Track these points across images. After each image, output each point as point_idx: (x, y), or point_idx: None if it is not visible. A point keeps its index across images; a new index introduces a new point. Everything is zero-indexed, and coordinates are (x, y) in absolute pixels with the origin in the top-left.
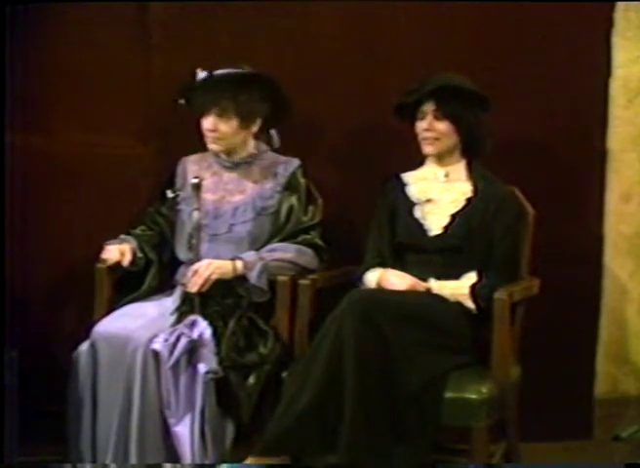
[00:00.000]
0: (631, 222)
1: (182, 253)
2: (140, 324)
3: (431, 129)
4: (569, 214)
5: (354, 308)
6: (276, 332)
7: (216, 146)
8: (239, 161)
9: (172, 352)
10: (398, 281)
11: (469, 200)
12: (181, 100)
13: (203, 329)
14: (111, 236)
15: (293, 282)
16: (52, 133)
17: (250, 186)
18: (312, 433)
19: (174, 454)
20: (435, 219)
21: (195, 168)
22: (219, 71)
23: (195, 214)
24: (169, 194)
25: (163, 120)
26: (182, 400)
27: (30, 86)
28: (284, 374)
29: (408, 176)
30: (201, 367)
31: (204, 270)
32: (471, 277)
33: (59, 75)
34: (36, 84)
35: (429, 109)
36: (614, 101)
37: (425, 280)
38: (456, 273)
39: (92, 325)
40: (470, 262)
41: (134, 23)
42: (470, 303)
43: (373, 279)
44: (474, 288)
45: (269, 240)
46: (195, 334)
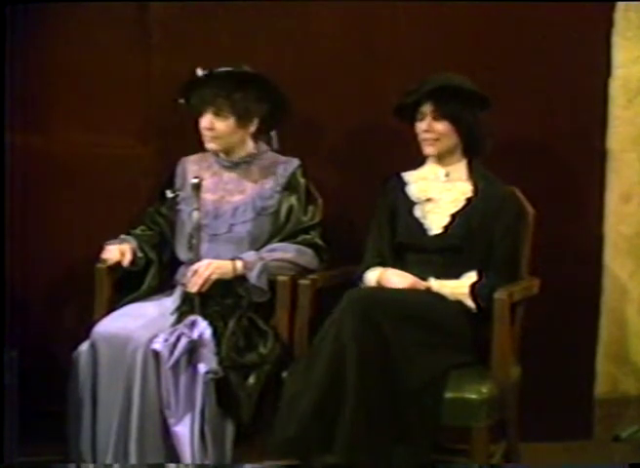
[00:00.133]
0: (631, 222)
1: (182, 253)
2: (141, 324)
3: (430, 130)
4: (569, 214)
5: (354, 307)
6: (276, 332)
7: (213, 145)
8: (238, 161)
9: (172, 352)
10: (398, 280)
11: (469, 200)
12: (181, 100)
13: (203, 329)
14: (111, 236)
15: (293, 282)
16: (52, 133)
17: (250, 186)
18: (317, 434)
19: (174, 454)
20: (435, 219)
21: (195, 168)
22: (215, 70)
23: (195, 214)
24: (169, 194)
25: (163, 120)
26: (182, 400)
27: (30, 86)
28: (284, 374)
29: (408, 176)
30: (201, 367)
31: (204, 270)
32: (471, 276)
33: (59, 75)
34: (36, 84)
35: (428, 110)
36: (614, 101)
37: (425, 279)
38: (455, 273)
39: (92, 325)
40: (470, 262)
41: (134, 23)
42: (470, 302)
43: (373, 278)
44: (474, 287)
45: (269, 240)
46: (195, 334)
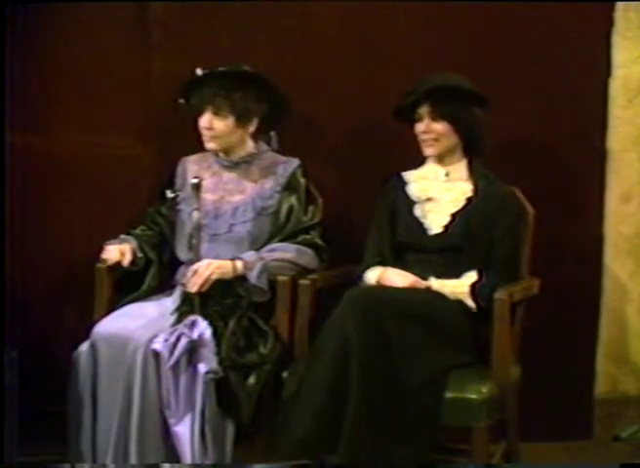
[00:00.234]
0: (631, 223)
1: (182, 253)
2: (141, 324)
3: (429, 130)
4: (569, 214)
5: (355, 305)
6: (276, 332)
7: (212, 145)
8: (238, 160)
9: (172, 352)
10: (398, 279)
11: (470, 199)
12: (181, 100)
13: (203, 329)
14: (111, 236)
15: (293, 282)
16: (52, 133)
17: (249, 186)
18: (326, 434)
19: (174, 454)
20: (435, 218)
21: (195, 168)
22: (214, 70)
23: (195, 214)
24: (169, 194)
25: (163, 120)
26: (182, 400)
27: (30, 86)
28: (284, 374)
29: (408, 175)
30: (201, 367)
31: (204, 270)
32: (472, 276)
33: (59, 75)
34: (36, 84)
35: (426, 111)
36: (614, 101)
37: (426, 279)
38: (456, 272)
39: (92, 325)
40: (470, 262)
41: (134, 23)
42: (470, 302)
43: (373, 277)
44: (474, 287)
45: (269, 240)
46: (195, 334)
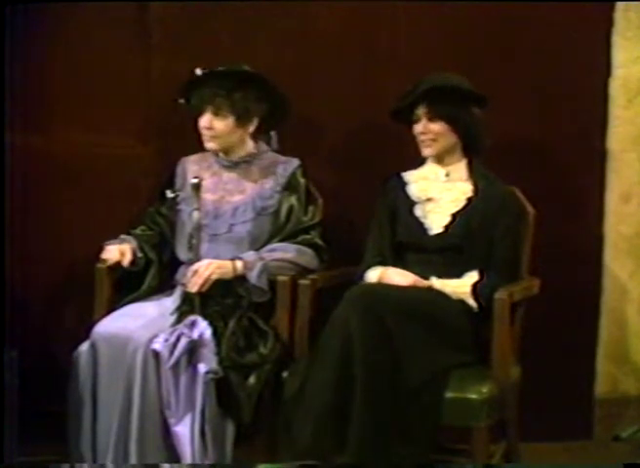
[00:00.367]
0: (631, 223)
1: (182, 253)
2: (141, 324)
3: (426, 131)
4: (569, 214)
5: (356, 304)
6: (276, 332)
7: (212, 145)
8: (238, 160)
9: (172, 352)
10: (399, 278)
11: (470, 200)
12: (181, 100)
13: (203, 329)
14: (111, 236)
15: (293, 282)
16: (52, 133)
17: (249, 186)
18: (332, 434)
19: (174, 454)
20: (436, 219)
21: (195, 168)
22: (214, 69)
23: (195, 214)
24: (169, 194)
25: (163, 120)
26: (183, 400)
27: (30, 86)
28: (284, 374)
29: (409, 175)
30: (201, 367)
31: (204, 270)
32: (473, 276)
33: (59, 75)
34: (36, 84)
35: (423, 111)
36: (614, 101)
37: (427, 279)
38: (456, 272)
39: (92, 325)
40: (470, 262)
41: (134, 23)
42: (472, 302)
43: (374, 277)
44: (476, 286)
45: (269, 240)
46: (195, 334)
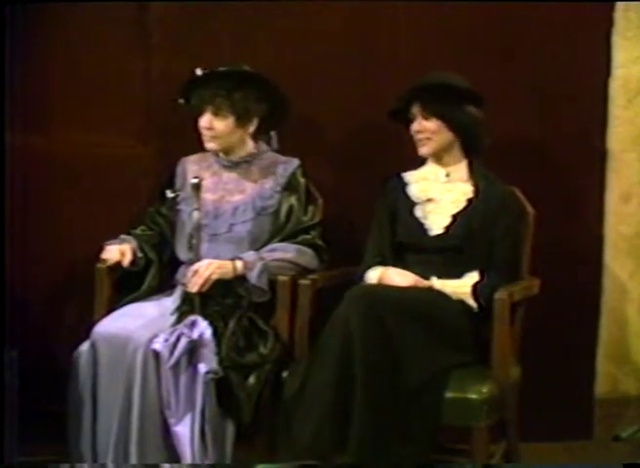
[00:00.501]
0: (631, 223)
1: (183, 253)
2: (141, 324)
3: (422, 129)
4: (569, 214)
5: (357, 304)
6: (276, 332)
7: (212, 145)
8: (238, 160)
9: (172, 352)
10: (400, 279)
11: (470, 200)
12: (181, 100)
13: (203, 329)
14: (111, 236)
15: (293, 282)
16: (52, 133)
17: (249, 186)
18: (333, 435)
19: (174, 454)
20: (436, 219)
21: (195, 168)
22: (214, 70)
23: (195, 214)
24: (169, 194)
25: (163, 120)
26: (183, 400)
27: (30, 86)
28: (284, 374)
29: (409, 176)
30: (201, 367)
31: (204, 270)
32: (473, 276)
33: (59, 75)
34: (36, 84)
35: (417, 110)
36: (614, 101)
37: (427, 279)
38: (456, 273)
39: (92, 325)
40: (471, 262)
41: (134, 23)
42: (472, 302)
43: (374, 277)
44: (476, 286)
45: (269, 240)
46: (195, 334)
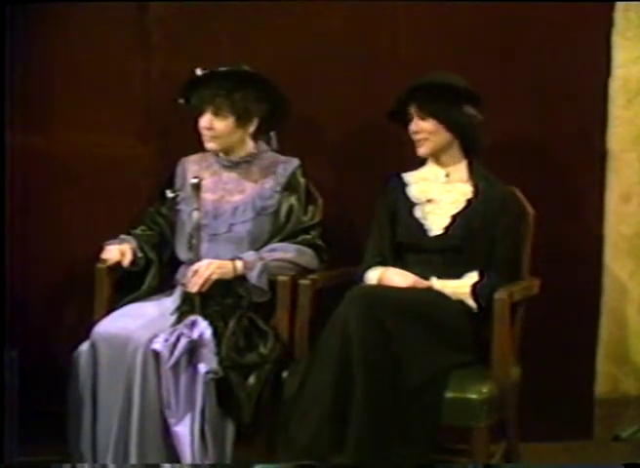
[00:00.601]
0: (631, 223)
1: (182, 253)
2: (140, 324)
3: (419, 129)
4: (569, 215)
5: (356, 304)
6: (276, 332)
7: (212, 145)
8: (238, 160)
9: (172, 352)
10: (399, 279)
11: (470, 201)
12: (181, 100)
13: (203, 329)
14: (111, 236)
15: (293, 282)
16: (52, 133)
17: (249, 186)
18: (331, 436)
19: (174, 454)
20: (436, 220)
21: (195, 168)
22: (214, 70)
23: (195, 214)
24: (169, 194)
25: (163, 120)
26: (183, 400)
27: (30, 86)
28: (284, 374)
29: (409, 177)
30: (201, 367)
31: (204, 270)
32: (473, 276)
33: (59, 75)
34: (36, 84)
35: (414, 110)
36: (614, 101)
37: (427, 279)
38: (456, 273)
39: (92, 325)
40: (471, 262)
41: (134, 23)
42: (472, 302)
43: (374, 277)
44: (475, 287)
45: (269, 240)
46: (195, 334)
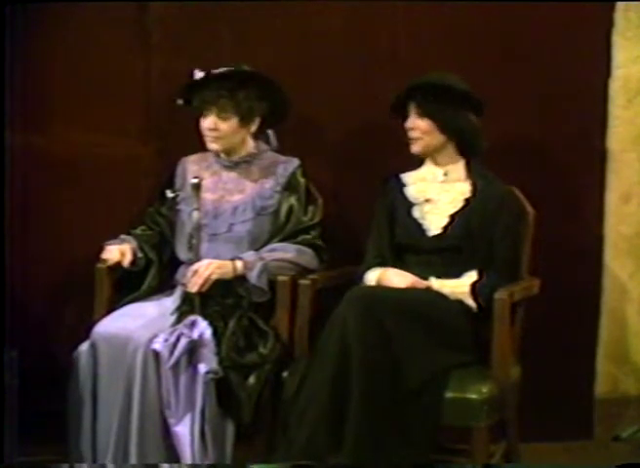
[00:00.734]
0: (631, 223)
1: (182, 253)
2: (140, 324)
3: (414, 127)
4: (569, 214)
5: (355, 305)
6: (276, 332)
7: (215, 145)
8: (238, 160)
9: (172, 352)
10: (398, 279)
11: (468, 200)
12: (180, 101)
13: (203, 329)
14: (111, 236)
15: (293, 282)
16: (52, 133)
17: (249, 186)
18: (328, 436)
19: (174, 454)
20: (434, 220)
21: (195, 168)
22: (216, 70)
23: (195, 213)
24: (169, 194)
25: (163, 120)
26: (183, 400)
27: (30, 86)
28: (284, 374)
29: (407, 177)
30: (201, 367)
31: (204, 270)
32: (472, 275)
33: (59, 75)
34: (36, 84)
35: (413, 107)
36: (614, 101)
37: (426, 279)
38: (456, 273)
39: (92, 325)
40: (470, 262)
41: (134, 23)
42: (471, 301)
43: (373, 278)
44: (475, 286)
45: (269, 240)
46: (195, 334)
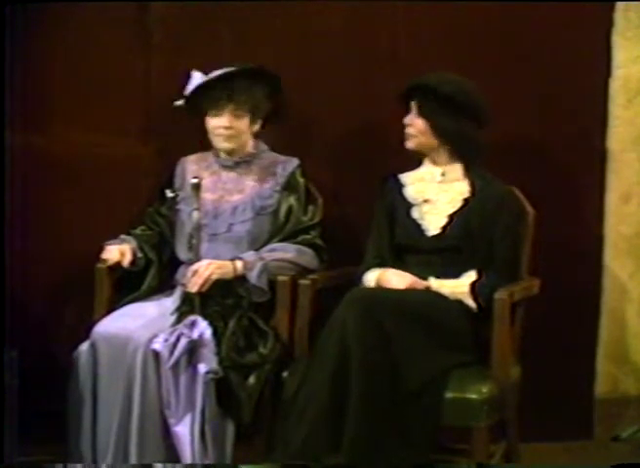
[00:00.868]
0: (631, 223)
1: (182, 253)
2: (140, 324)
3: (411, 123)
4: (569, 215)
5: (355, 306)
6: (276, 332)
7: (227, 144)
8: (239, 160)
9: (172, 352)
10: (398, 280)
11: (467, 200)
12: (179, 102)
13: (203, 329)
14: (111, 236)
15: (293, 282)
16: (52, 133)
17: (249, 186)
18: (327, 437)
19: (174, 454)
20: (433, 220)
21: (194, 168)
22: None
23: (195, 213)
24: (168, 194)
25: (163, 120)
26: (183, 400)
27: (30, 86)
28: (284, 374)
29: (405, 177)
30: (201, 367)
31: (204, 270)
32: (471, 275)
33: (59, 75)
34: (36, 84)
35: (414, 104)
36: (614, 101)
37: (425, 279)
38: (455, 273)
39: (92, 325)
40: (469, 262)
41: (134, 23)
42: (470, 301)
43: (372, 278)
44: (474, 286)
45: (269, 240)
46: (195, 334)
